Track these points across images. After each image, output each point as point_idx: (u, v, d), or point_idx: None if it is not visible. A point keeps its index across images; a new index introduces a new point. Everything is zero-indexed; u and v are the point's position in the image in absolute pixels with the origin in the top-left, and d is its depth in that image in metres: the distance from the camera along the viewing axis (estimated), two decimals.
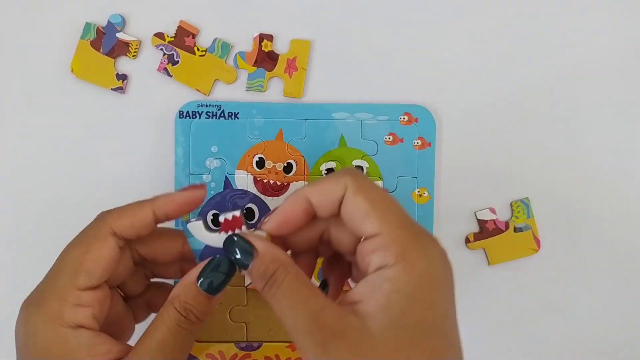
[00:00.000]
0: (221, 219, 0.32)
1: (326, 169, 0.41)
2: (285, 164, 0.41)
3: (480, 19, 0.42)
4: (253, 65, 0.41)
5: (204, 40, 0.42)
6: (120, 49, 0.41)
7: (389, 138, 0.41)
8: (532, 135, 0.42)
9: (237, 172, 0.40)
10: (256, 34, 0.41)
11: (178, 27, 0.41)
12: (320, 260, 0.33)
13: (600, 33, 0.42)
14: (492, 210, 0.42)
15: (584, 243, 0.42)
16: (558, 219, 0.42)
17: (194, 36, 0.41)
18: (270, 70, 0.41)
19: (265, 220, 0.30)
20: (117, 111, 0.41)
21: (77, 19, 0.41)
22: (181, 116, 0.40)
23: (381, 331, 0.25)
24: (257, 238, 0.29)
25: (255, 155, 0.40)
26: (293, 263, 0.28)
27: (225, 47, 0.41)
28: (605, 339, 0.42)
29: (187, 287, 0.30)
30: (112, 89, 0.41)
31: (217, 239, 0.39)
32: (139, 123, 0.41)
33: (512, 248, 0.42)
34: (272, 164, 0.40)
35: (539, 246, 0.42)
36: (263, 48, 0.41)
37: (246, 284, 0.40)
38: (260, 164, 0.40)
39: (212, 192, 0.40)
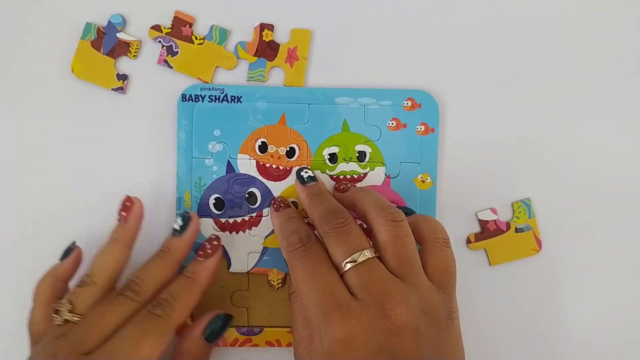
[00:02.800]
0: None
1: (329, 154, 0.40)
2: (288, 149, 0.40)
3: (486, 3, 0.42)
4: (254, 55, 0.41)
5: (201, 29, 0.41)
6: (120, 49, 0.41)
7: (392, 123, 0.41)
8: (533, 135, 0.42)
9: (240, 156, 0.40)
10: (257, 23, 0.41)
11: (174, 17, 0.41)
12: None
13: (604, 31, 0.42)
14: (493, 211, 0.42)
15: (585, 244, 0.42)
16: (559, 219, 0.42)
17: (190, 25, 0.41)
18: (271, 60, 0.41)
19: None
20: (119, 105, 0.41)
21: (77, 18, 0.41)
22: (184, 99, 0.40)
23: None
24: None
25: (257, 139, 0.40)
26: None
27: (223, 34, 0.41)
28: (606, 340, 0.42)
29: (196, 341, 0.37)
30: (112, 89, 0.41)
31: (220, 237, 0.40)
32: (140, 113, 0.41)
33: (513, 248, 0.42)
34: (275, 148, 0.40)
35: (540, 247, 0.42)
36: (264, 38, 0.41)
37: (247, 270, 0.40)
38: (263, 148, 0.40)
39: (214, 177, 0.40)
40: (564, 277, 0.42)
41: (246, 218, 0.40)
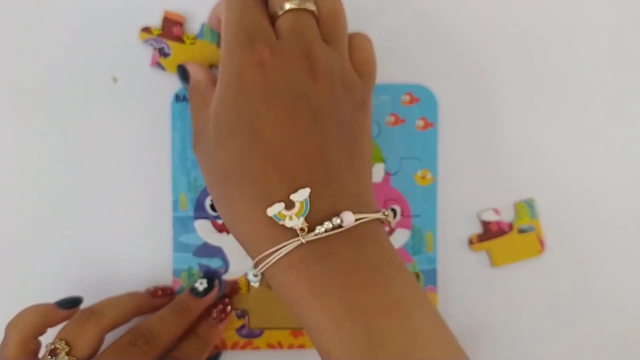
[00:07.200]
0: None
1: None
2: None
3: None
4: None
5: (192, 28, 0.41)
6: None
7: (391, 119, 0.40)
8: (535, 132, 0.41)
9: None
10: None
11: (164, 18, 0.40)
12: None
13: (608, 28, 0.42)
14: (496, 211, 0.41)
15: (589, 244, 0.42)
16: (563, 220, 0.41)
17: (181, 25, 0.40)
18: None
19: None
20: (112, 107, 0.40)
21: (67, 16, 0.40)
22: (177, 100, 0.39)
23: (210, 134, 0.30)
24: (191, 64, 0.37)
25: None
26: (207, 82, 0.35)
27: (215, 32, 0.40)
28: (610, 341, 0.42)
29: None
30: None
31: (218, 239, 0.39)
32: (134, 115, 0.40)
33: (516, 249, 0.41)
34: None
35: (543, 248, 0.41)
36: None
37: (246, 271, 0.40)
38: None
39: None
40: (567, 279, 0.41)
41: None
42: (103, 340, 0.34)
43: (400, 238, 0.40)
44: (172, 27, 0.40)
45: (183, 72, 0.37)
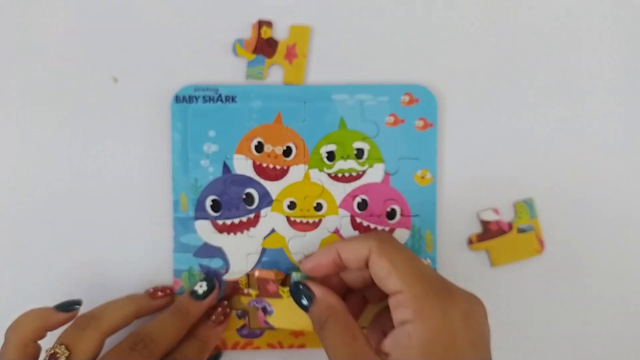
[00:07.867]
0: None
1: (326, 152, 0.40)
2: (285, 148, 0.40)
3: None
4: (252, 53, 0.40)
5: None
6: None
7: (390, 119, 0.40)
8: (535, 134, 0.41)
9: (236, 156, 0.40)
10: (255, 20, 0.40)
11: (257, 279, 0.39)
12: None
13: (608, 28, 0.42)
14: (495, 211, 0.41)
15: (589, 244, 0.42)
16: (562, 219, 0.41)
17: (273, 281, 0.38)
18: (270, 57, 0.40)
19: (302, 260, 0.36)
20: (112, 108, 0.40)
21: (73, 18, 0.40)
22: (177, 101, 0.39)
23: None
24: (316, 286, 0.34)
25: (253, 139, 0.40)
26: (344, 309, 0.33)
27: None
28: (610, 341, 0.42)
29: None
30: None
31: (218, 239, 0.39)
32: (134, 115, 0.40)
33: (515, 249, 0.41)
34: (272, 148, 0.40)
35: (542, 247, 0.41)
36: (262, 35, 0.40)
37: (247, 271, 0.40)
38: (259, 148, 0.40)
39: (210, 178, 0.40)
40: (566, 278, 0.42)
41: (244, 219, 0.40)
42: (103, 345, 0.34)
43: (400, 238, 0.40)
44: (266, 286, 0.38)
45: (307, 294, 0.34)
